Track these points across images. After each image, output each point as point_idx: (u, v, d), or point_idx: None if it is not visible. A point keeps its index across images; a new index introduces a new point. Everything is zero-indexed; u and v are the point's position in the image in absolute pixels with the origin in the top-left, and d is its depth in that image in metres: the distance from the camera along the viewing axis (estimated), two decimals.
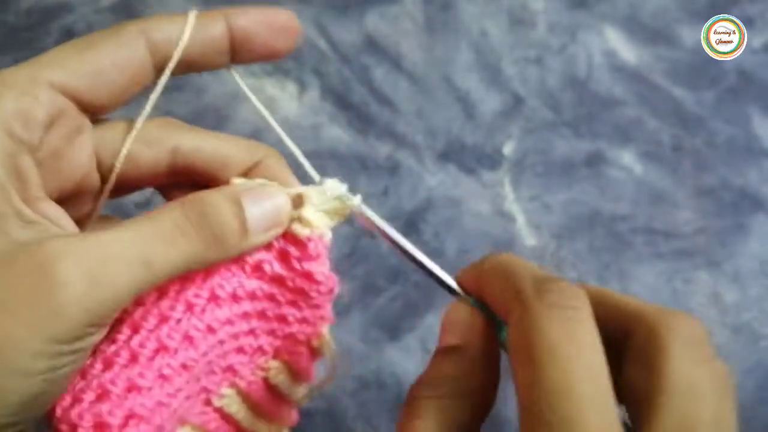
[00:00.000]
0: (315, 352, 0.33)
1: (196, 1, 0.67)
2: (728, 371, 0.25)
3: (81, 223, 0.30)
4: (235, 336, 0.30)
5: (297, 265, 0.30)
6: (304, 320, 0.32)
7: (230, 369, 0.31)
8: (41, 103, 0.25)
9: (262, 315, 0.31)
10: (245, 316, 0.30)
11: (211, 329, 0.29)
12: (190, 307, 0.28)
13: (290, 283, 0.30)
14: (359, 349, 0.54)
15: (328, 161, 0.59)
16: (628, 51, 0.68)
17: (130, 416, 0.26)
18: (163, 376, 0.27)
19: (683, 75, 0.67)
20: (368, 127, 0.62)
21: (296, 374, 0.33)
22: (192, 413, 0.30)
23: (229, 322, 0.30)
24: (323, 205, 0.30)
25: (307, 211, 0.29)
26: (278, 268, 0.30)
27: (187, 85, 0.63)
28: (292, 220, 0.29)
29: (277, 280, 0.30)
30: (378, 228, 0.31)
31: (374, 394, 0.52)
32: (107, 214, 0.32)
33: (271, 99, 0.62)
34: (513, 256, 0.28)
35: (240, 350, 0.31)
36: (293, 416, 0.35)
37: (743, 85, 0.67)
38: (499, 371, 0.28)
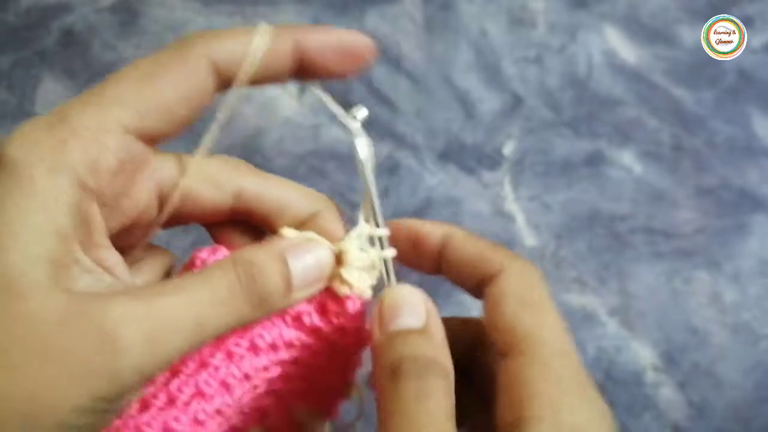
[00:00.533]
0: (344, 396, 0.34)
1: (196, 2, 0.67)
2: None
3: (127, 250, 0.30)
4: (270, 381, 0.31)
5: (335, 320, 0.30)
6: (336, 370, 0.32)
7: (260, 409, 0.32)
8: (111, 150, 0.25)
9: (296, 362, 0.31)
10: (281, 363, 0.31)
11: (248, 377, 0.29)
12: (230, 355, 0.29)
13: (326, 335, 0.31)
14: None
15: (328, 161, 0.59)
16: (628, 51, 0.68)
17: None
18: (197, 421, 0.28)
19: (683, 75, 0.67)
20: (368, 127, 0.62)
21: (323, 414, 0.34)
22: None
23: (265, 369, 0.30)
24: (362, 262, 0.30)
25: (347, 271, 0.29)
26: (317, 320, 0.30)
27: None
28: (334, 276, 0.30)
29: (315, 331, 0.31)
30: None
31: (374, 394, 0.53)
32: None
33: (271, 99, 0.62)
34: (455, 230, 0.30)
35: (272, 393, 0.32)
36: None
37: (743, 85, 0.67)
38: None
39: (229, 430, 0.31)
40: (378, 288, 0.30)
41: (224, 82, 0.28)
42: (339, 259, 0.30)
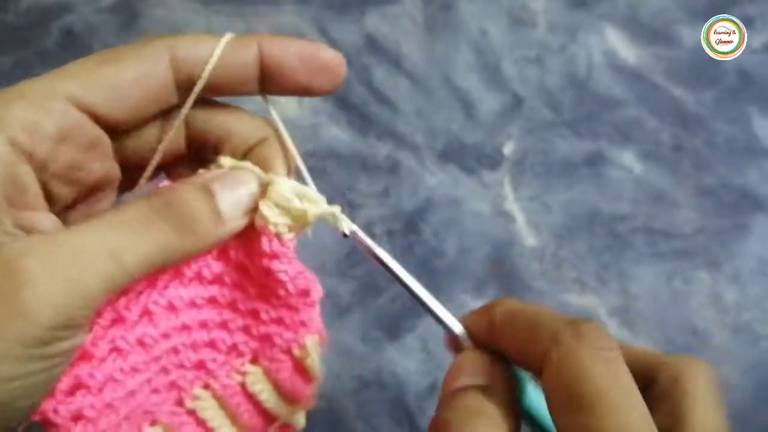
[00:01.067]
0: (300, 365, 0.31)
1: (196, 2, 0.67)
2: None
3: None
4: (204, 325, 0.29)
5: (257, 259, 0.28)
6: (280, 321, 0.30)
7: (202, 366, 0.30)
8: (52, 116, 0.25)
9: (232, 306, 0.30)
10: (213, 302, 0.29)
11: (172, 307, 0.28)
12: (151, 282, 0.27)
13: (254, 275, 0.29)
14: (359, 349, 0.54)
15: (328, 161, 0.59)
16: (628, 51, 0.68)
17: (76, 385, 0.25)
18: (117, 349, 0.26)
19: (683, 75, 0.67)
20: (368, 127, 0.62)
21: (280, 387, 0.32)
22: (163, 411, 0.29)
23: (195, 305, 0.28)
24: (286, 203, 0.28)
25: (265, 204, 0.28)
26: (242, 255, 0.29)
27: None
28: (255, 210, 0.28)
29: (242, 268, 0.29)
30: (368, 249, 0.30)
31: (374, 394, 0.52)
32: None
33: (270, 99, 0.62)
34: (522, 302, 0.28)
35: (212, 345, 0.30)
36: None
37: (743, 85, 0.67)
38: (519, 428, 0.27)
39: (171, 387, 0.29)
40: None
41: (185, 83, 0.27)
42: (263, 193, 0.28)
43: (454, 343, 0.30)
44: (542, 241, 0.59)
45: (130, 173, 0.30)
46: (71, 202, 0.28)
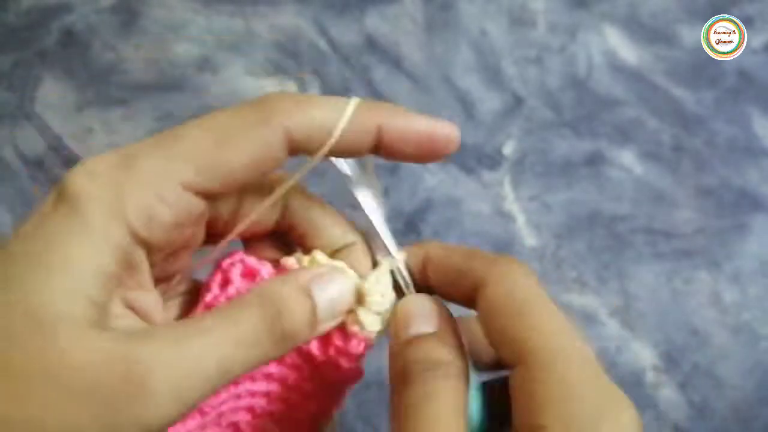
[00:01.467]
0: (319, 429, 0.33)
1: (196, 2, 0.67)
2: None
3: (170, 278, 0.29)
4: (252, 394, 0.30)
5: (332, 352, 0.30)
6: (319, 402, 0.32)
7: (234, 425, 0.31)
8: (169, 205, 0.25)
9: (282, 382, 0.31)
10: (267, 378, 0.30)
11: (235, 382, 0.29)
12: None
13: (318, 365, 0.30)
14: None
15: (328, 161, 0.59)
16: (628, 51, 0.68)
17: None
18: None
19: (683, 75, 0.67)
20: None
21: None
22: None
23: (252, 379, 0.30)
24: (380, 307, 0.29)
25: (364, 312, 0.29)
26: (315, 348, 0.30)
27: (187, 85, 0.63)
28: (349, 312, 0.29)
29: (310, 358, 0.30)
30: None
31: (374, 394, 0.52)
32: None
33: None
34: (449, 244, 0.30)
35: (250, 410, 0.31)
36: None
37: (743, 85, 0.67)
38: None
39: None
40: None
41: (295, 150, 0.27)
42: (358, 298, 0.29)
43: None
44: (542, 241, 0.59)
45: (210, 235, 0.30)
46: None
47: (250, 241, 0.31)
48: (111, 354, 0.22)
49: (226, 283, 0.29)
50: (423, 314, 0.28)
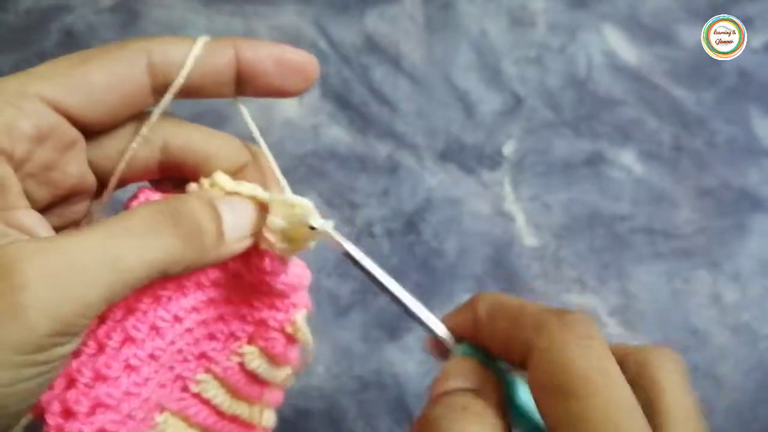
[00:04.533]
0: (291, 338, 0.33)
1: (196, 2, 0.67)
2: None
3: (76, 225, 0.30)
4: (204, 323, 0.31)
5: (255, 272, 0.30)
6: (273, 306, 0.32)
7: (204, 356, 0.32)
8: (27, 115, 0.25)
9: (229, 301, 0.31)
10: (212, 302, 0.30)
11: (177, 318, 0.29)
12: (156, 298, 0.28)
13: (250, 279, 0.30)
14: (359, 349, 0.54)
15: (328, 161, 0.59)
16: (628, 51, 0.68)
17: (96, 405, 0.26)
18: (130, 366, 0.27)
19: (683, 75, 0.67)
20: (368, 127, 0.62)
21: (274, 359, 0.34)
22: (170, 400, 0.31)
23: (195, 309, 0.30)
24: (287, 220, 0.29)
25: (266, 230, 0.29)
26: (239, 266, 0.30)
27: None
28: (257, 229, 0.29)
29: (238, 275, 0.30)
30: (353, 258, 0.31)
31: (374, 394, 0.52)
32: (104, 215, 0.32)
33: (270, 99, 0.62)
34: (505, 295, 0.28)
35: (212, 337, 0.31)
36: (276, 396, 0.36)
37: (743, 85, 0.67)
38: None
39: (176, 379, 0.31)
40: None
41: (162, 87, 0.28)
42: (262, 215, 0.29)
43: (437, 346, 0.30)
44: (542, 241, 0.59)
45: (105, 184, 0.30)
46: (46, 204, 0.28)
47: (156, 184, 0.31)
48: None
49: None
50: (462, 372, 0.27)
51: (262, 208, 0.29)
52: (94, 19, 0.64)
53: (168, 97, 0.28)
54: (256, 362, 0.33)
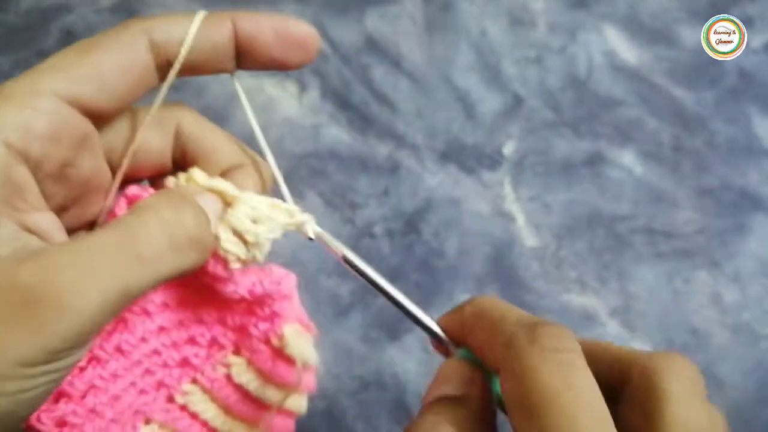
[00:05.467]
0: (279, 353, 0.31)
1: (196, 2, 0.67)
2: (722, 415, 0.24)
3: (92, 226, 0.30)
4: (181, 323, 0.30)
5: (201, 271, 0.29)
6: (252, 312, 0.31)
7: (187, 362, 0.31)
8: (41, 114, 0.25)
9: (205, 301, 0.30)
10: (186, 302, 0.30)
11: (146, 312, 0.28)
12: (123, 321, 0.28)
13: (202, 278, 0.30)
14: (359, 349, 0.54)
15: (328, 161, 0.59)
16: (628, 51, 0.68)
17: (59, 394, 0.26)
18: (95, 358, 0.27)
19: (683, 75, 0.67)
20: (368, 127, 0.62)
21: (264, 375, 0.32)
22: (154, 409, 0.30)
23: (167, 306, 0.29)
24: (242, 226, 0.28)
25: (221, 228, 0.28)
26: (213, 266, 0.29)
27: (187, 85, 0.63)
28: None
29: (187, 284, 0.30)
30: (352, 263, 0.30)
31: (374, 394, 0.52)
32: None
33: (271, 99, 0.62)
34: (495, 300, 0.27)
35: (192, 341, 0.31)
36: (284, 424, 0.34)
37: (743, 85, 0.67)
38: (496, 427, 0.26)
39: (159, 386, 0.30)
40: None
41: (165, 65, 0.28)
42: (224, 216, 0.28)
43: (439, 348, 0.30)
44: (542, 241, 0.59)
45: (123, 181, 0.30)
46: (64, 203, 0.28)
47: (157, 179, 0.31)
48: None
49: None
50: (450, 378, 0.27)
51: (229, 206, 0.28)
52: (94, 18, 0.64)
53: (173, 73, 0.28)
54: (245, 377, 0.32)
